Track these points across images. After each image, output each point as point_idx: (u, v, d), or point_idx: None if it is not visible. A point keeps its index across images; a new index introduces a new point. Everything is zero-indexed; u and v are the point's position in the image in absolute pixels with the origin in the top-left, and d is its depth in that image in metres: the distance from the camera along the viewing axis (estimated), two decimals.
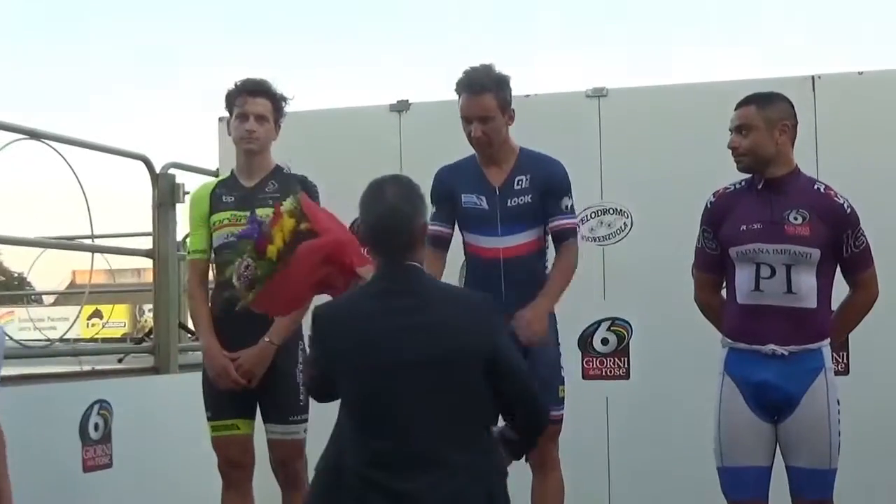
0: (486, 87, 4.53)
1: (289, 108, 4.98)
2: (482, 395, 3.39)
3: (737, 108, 4.30)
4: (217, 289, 4.93)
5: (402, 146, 6.21)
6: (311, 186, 4.76)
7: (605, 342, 5.92)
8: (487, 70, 4.57)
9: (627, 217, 5.93)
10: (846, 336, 4.64)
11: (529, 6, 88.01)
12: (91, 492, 5.48)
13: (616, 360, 5.91)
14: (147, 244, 6.95)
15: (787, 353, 4.13)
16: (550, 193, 4.63)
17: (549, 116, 5.95)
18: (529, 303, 4.47)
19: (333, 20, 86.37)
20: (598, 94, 6.05)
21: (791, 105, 4.30)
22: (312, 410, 4.81)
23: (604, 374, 5.87)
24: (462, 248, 4.80)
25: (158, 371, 6.63)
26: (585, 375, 5.84)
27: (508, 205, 4.62)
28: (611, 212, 5.96)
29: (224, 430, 4.80)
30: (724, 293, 4.38)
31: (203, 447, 4.95)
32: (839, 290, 4.32)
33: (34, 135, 6.09)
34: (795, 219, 4.15)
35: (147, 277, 7.81)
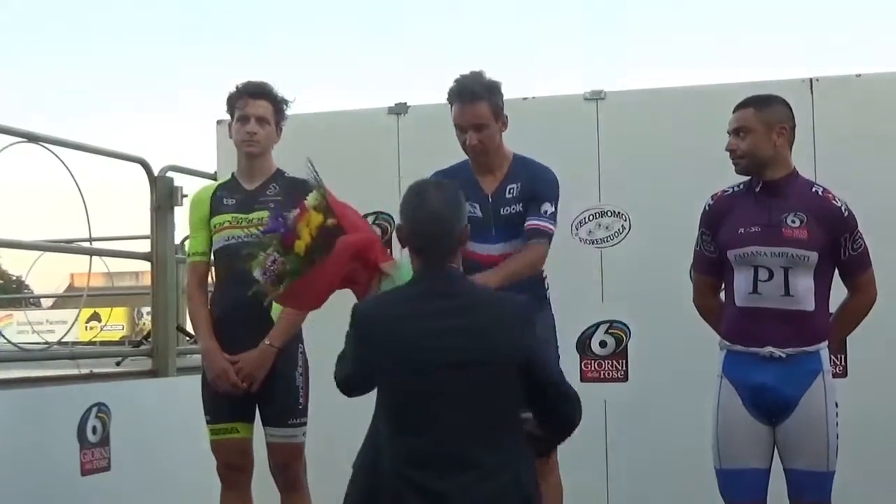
0: (479, 95, 4.46)
1: (288, 111, 4.97)
2: (518, 398, 3.43)
3: (735, 111, 4.30)
4: (217, 290, 4.93)
5: (400, 149, 6.21)
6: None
7: (604, 345, 5.92)
8: (478, 77, 4.52)
9: (625, 220, 5.93)
10: (844, 338, 4.64)
11: (528, 8, 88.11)
12: (89, 495, 5.47)
13: (614, 363, 5.91)
14: (145, 247, 6.94)
15: (785, 356, 4.13)
16: (533, 199, 4.55)
17: (548, 119, 5.95)
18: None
19: (332, 21, 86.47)
20: (596, 97, 6.04)
21: (789, 108, 4.31)
22: (311, 414, 4.82)
23: (602, 377, 5.87)
24: None
25: (156, 374, 6.62)
26: (584, 378, 5.83)
27: (501, 213, 4.59)
28: (609, 214, 5.96)
29: (223, 434, 4.79)
30: (723, 296, 4.38)
31: (202, 450, 4.94)
32: (837, 293, 4.33)
33: (32, 138, 6.08)
34: (793, 222, 4.16)
35: (145, 280, 7.82)
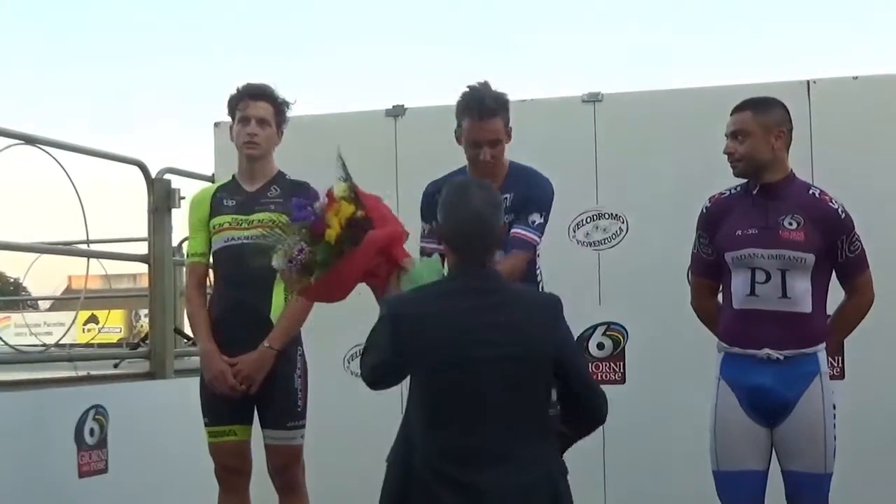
0: (495, 111, 4.38)
1: (288, 113, 4.95)
2: (549, 393, 3.50)
3: (732, 114, 4.30)
4: (216, 292, 4.92)
5: (398, 151, 6.21)
6: (314, 193, 4.72)
7: (601, 347, 5.92)
8: (489, 91, 4.41)
9: (623, 222, 5.93)
10: (842, 340, 4.64)
11: (526, 10, 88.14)
12: (86, 497, 5.47)
13: (612, 365, 5.92)
14: (142, 249, 6.94)
15: (783, 358, 4.13)
16: (523, 208, 4.45)
17: (545, 121, 5.95)
18: None
19: (331, 23, 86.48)
20: (594, 99, 6.05)
21: (787, 110, 4.31)
22: (310, 416, 4.82)
23: (599, 379, 5.83)
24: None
25: (154, 376, 6.62)
26: None
27: None
28: (606, 216, 5.96)
29: (221, 436, 4.78)
30: (720, 298, 4.39)
31: (200, 452, 4.94)
32: (835, 295, 4.33)
33: (29, 140, 6.08)
34: (790, 224, 4.16)
35: (143, 282, 7.79)
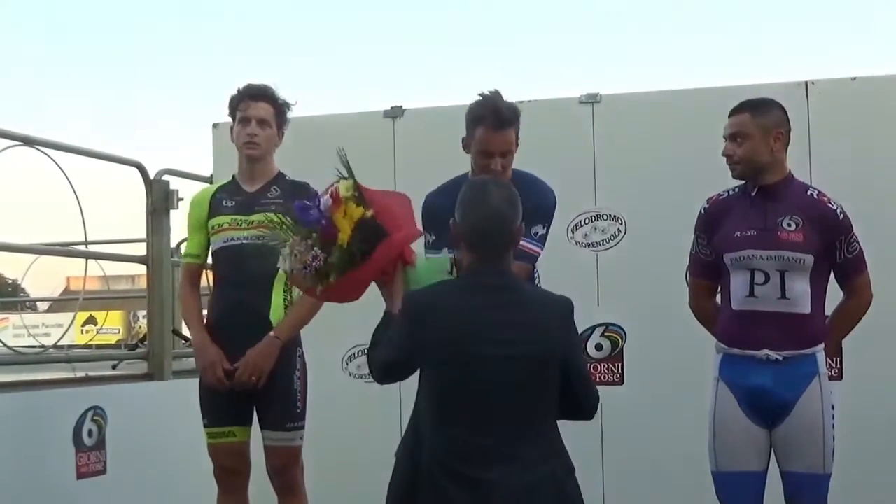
0: (511, 122, 4.30)
1: (289, 114, 4.94)
2: (556, 392, 3.52)
3: (731, 115, 4.30)
4: (215, 293, 4.90)
5: (396, 152, 6.21)
6: (314, 194, 4.71)
7: (599, 348, 5.92)
8: (503, 100, 4.32)
9: (621, 223, 5.94)
10: (840, 341, 4.65)
11: (524, 11, 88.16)
12: (85, 498, 5.47)
13: (610, 366, 5.92)
14: (141, 250, 6.94)
15: (782, 359, 4.13)
16: (526, 219, 4.20)
17: (543, 122, 5.93)
18: None
19: (330, 25, 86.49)
20: (592, 100, 6.05)
21: (785, 112, 4.31)
22: (308, 418, 4.82)
23: (598, 380, 5.84)
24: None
25: (152, 377, 6.62)
26: None
27: None
28: (604, 217, 5.96)
29: (220, 438, 4.78)
30: (719, 299, 4.39)
31: (198, 453, 4.94)
32: (834, 296, 4.33)
33: (28, 141, 6.08)
34: (789, 225, 4.16)
35: (141, 284, 7.80)
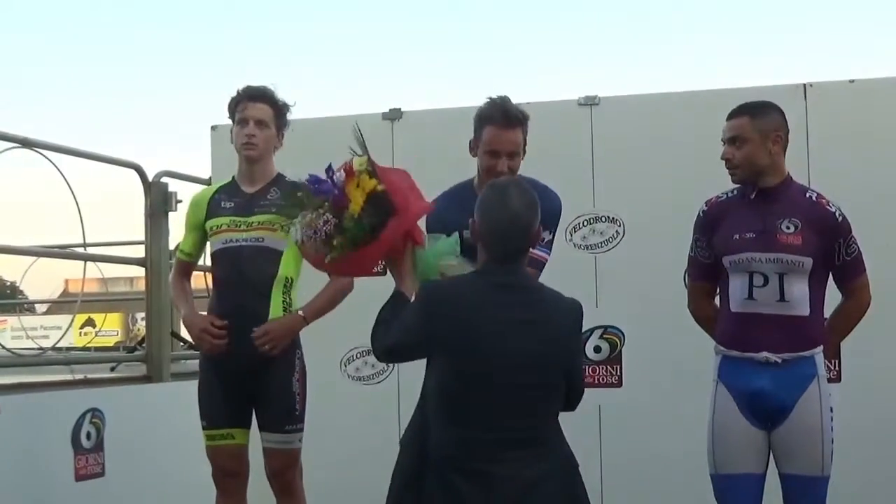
0: (519, 122, 4.30)
1: (289, 116, 4.94)
2: (562, 391, 3.57)
3: (729, 119, 4.29)
4: (215, 294, 4.88)
5: (395, 154, 6.19)
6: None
7: (598, 350, 5.91)
8: (511, 103, 4.32)
9: (620, 225, 5.94)
10: (839, 343, 4.65)
11: (522, 13, 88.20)
12: (83, 500, 5.47)
13: (608, 368, 5.91)
14: (139, 253, 6.95)
15: (781, 361, 4.13)
16: None
17: (542, 125, 5.89)
18: None
19: (329, 26, 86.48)
20: (590, 103, 6.05)
21: (783, 115, 4.31)
22: (308, 420, 4.81)
23: (596, 382, 5.86)
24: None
25: (151, 379, 6.63)
26: None
27: None
28: (603, 220, 5.96)
29: (219, 440, 4.77)
30: (718, 301, 4.39)
31: (196, 456, 4.93)
32: (832, 298, 4.33)
33: (27, 143, 6.09)
34: (787, 228, 4.16)
35: (140, 286, 7.81)
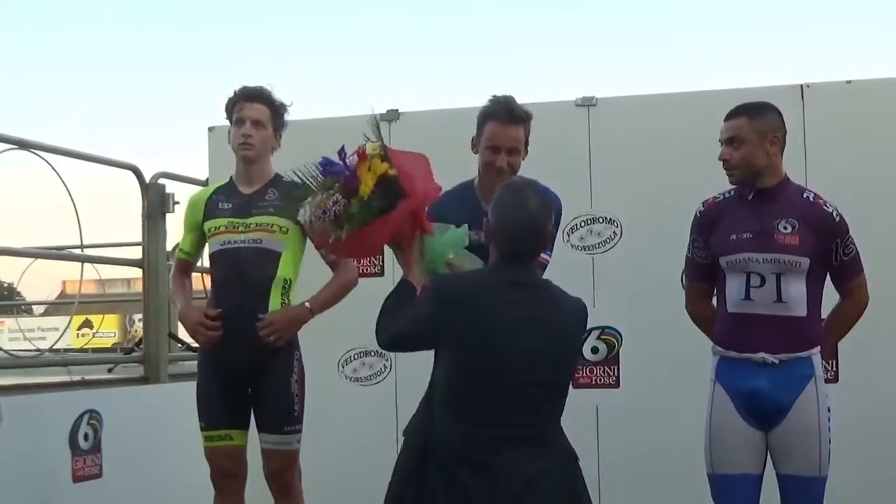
0: (521, 119, 4.31)
1: (287, 116, 4.93)
2: (567, 390, 3.63)
3: (727, 120, 4.30)
4: (213, 295, 4.88)
5: None
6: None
7: (595, 351, 5.91)
8: (515, 101, 4.33)
9: (617, 226, 5.94)
10: (836, 343, 4.65)
11: (520, 14, 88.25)
12: (81, 502, 5.47)
13: (606, 369, 5.91)
14: (137, 254, 6.95)
15: (778, 362, 4.14)
16: None
17: (539, 125, 5.89)
18: None
19: (327, 28, 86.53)
20: (588, 104, 6.04)
21: (780, 115, 4.31)
22: (305, 421, 4.81)
23: (594, 383, 5.87)
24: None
25: (148, 381, 6.63)
26: (575, 384, 5.76)
27: None
28: (600, 220, 5.96)
29: (217, 441, 4.76)
30: (715, 301, 4.39)
31: (195, 456, 4.93)
32: (830, 298, 4.34)
33: (23, 145, 6.08)
34: (785, 228, 4.17)
35: (137, 287, 7.80)
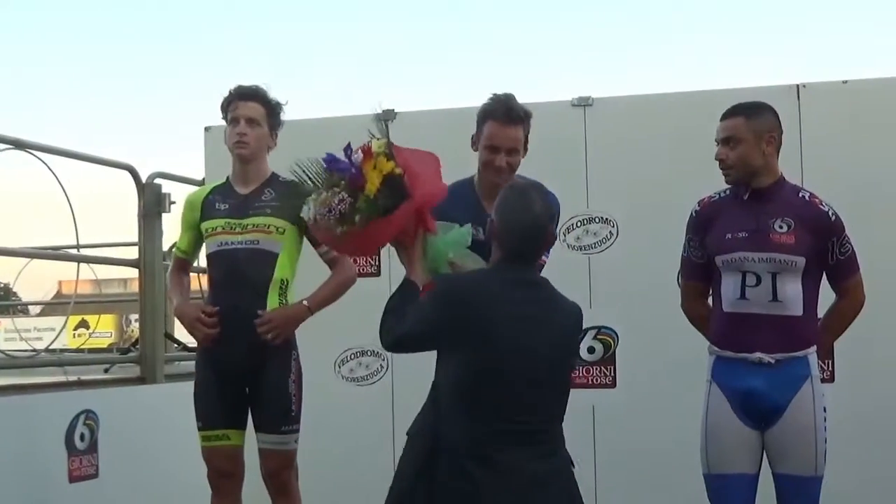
0: (521, 119, 4.32)
1: (283, 116, 4.92)
2: (568, 389, 3.69)
3: (723, 119, 4.30)
4: (211, 295, 4.88)
5: None
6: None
7: (592, 351, 5.91)
8: (515, 100, 4.33)
9: (613, 226, 5.93)
10: (832, 343, 4.65)
11: (517, 14, 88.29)
12: (77, 502, 5.47)
13: (602, 369, 5.91)
14: (133, 254, 6.95)
15: (774, 361, 4.14)
16: None
17: (535, 125, 5.89)
18: None
19: (324, 28, 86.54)
20: (584, 104, 6.04)
21: (777, 115, 4.31)
22: (303, 421, 4.81)
23: (590, 383, 5.86)
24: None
25: (145, 381, 6.62)
26: (572, 384, 5.67)
27: None
28: (596, 220, 5.96)
29: (215, 441, 4.76)
30: (711, 301, 4.39)
31: (191, 457, 4.93)
32: (826, 298, 4.34)
33: (19, 144, 6.08)
34: (780, 227, 4.17)
35: (133, 287, 7.81)
